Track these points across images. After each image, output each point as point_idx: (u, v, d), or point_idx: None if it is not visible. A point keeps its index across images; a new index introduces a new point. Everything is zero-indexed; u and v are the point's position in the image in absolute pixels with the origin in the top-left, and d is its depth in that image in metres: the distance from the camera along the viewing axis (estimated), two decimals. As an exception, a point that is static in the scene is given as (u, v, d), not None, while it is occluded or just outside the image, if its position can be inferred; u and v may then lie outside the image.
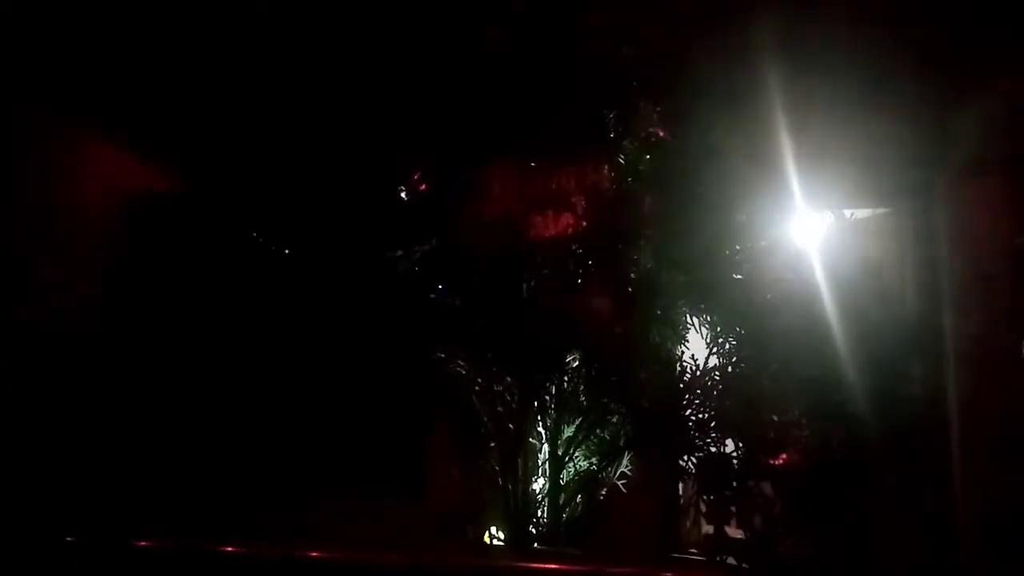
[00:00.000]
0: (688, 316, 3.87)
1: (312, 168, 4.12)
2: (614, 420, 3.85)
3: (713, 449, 3.56)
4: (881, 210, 5.31)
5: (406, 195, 4.02)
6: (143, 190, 4.90)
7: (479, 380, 3.87)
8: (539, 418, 3.89)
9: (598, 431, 3.88)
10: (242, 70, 4.27)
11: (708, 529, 3.83)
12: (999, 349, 4.85)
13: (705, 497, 3.52)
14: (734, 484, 3.45)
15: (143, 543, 3.20)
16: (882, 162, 5.11)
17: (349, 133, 4.00)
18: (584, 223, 3.77)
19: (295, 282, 4.23)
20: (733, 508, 3.44)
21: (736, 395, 3.60)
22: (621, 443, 3.85)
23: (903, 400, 3.90)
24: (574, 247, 3.79)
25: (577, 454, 3.89)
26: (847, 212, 4.54)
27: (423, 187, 4.00)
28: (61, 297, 4.46)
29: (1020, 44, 4.54)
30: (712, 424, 3.58)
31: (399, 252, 3.91)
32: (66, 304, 4.48)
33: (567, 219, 3.76)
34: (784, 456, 3.43)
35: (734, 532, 3.79)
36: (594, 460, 3.89)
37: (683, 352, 3.81)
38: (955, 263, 5.06)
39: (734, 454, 3.55)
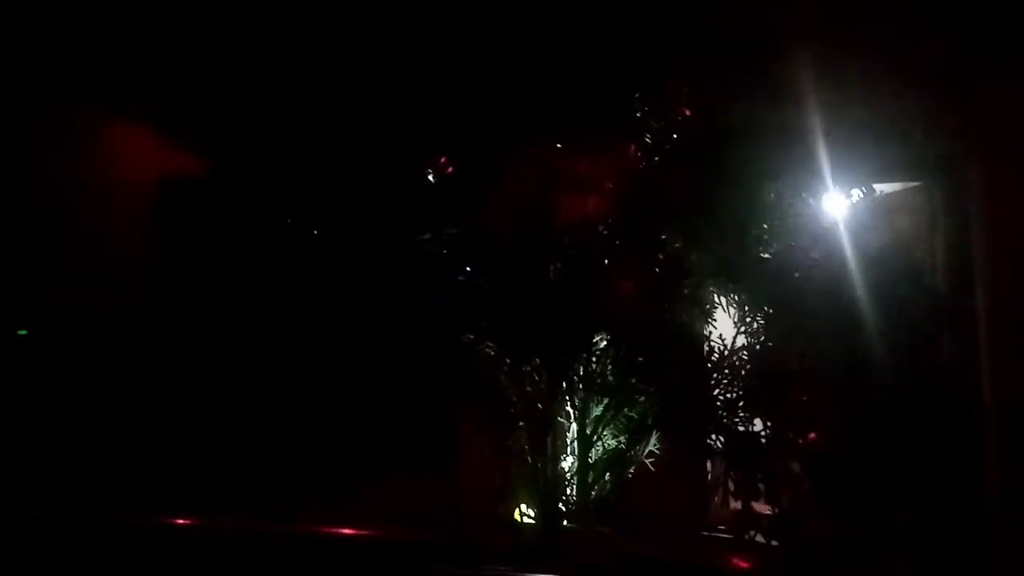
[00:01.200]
0: (716, 295, 3.87)
1: (341, 153, 4.15)
2: (642, 399, 3.87)
3: (741, 428, 3.57)
4: (911, 184, 5.25)
5: (433, 178, 4.04)
6: (167, 177, 4.98)
7: (508, 361, 3.91)
8: (567, 398, 3.92)
9: (626, 410, 3.90)
10: (275, 60, 4.32)
11: (736, 506, 3.84)
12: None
13: (733, 475, 3.53)
14: (762, 463, 3.47)
15: (179, 521, 3.30)
16: (912, 136, 5.04)
17: (378, 118, 4.02)
18: (610, 204, 3.77)
19: (327, 268, 4.28)
20: (761, 487, 3.45)
21: (764, 374, 3.60)
22: (649, 422, 3.88)
23: (933, 377, 3.88)
24: (600, 228, 3.80)
25: (605, 433, 3.93)
26: (876, 187, 4.49)
27: (450, 170, 4.01)
28: (76, 288, 4.56)
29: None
30: (740, 404, 3.59)
31: (427, 235, 3.94)
32: (87, 294, 4.58)
33: (593, 200, 3.77)
34: (812, 435, 3.44)
35: (762, 508, 3.80)
36: (622, 439, 3.93)
37: (711, 332, 3.81)
38: (985, 238, 5.00)
39: (762, 433, 3.57)
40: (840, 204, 4.32)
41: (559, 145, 3.78)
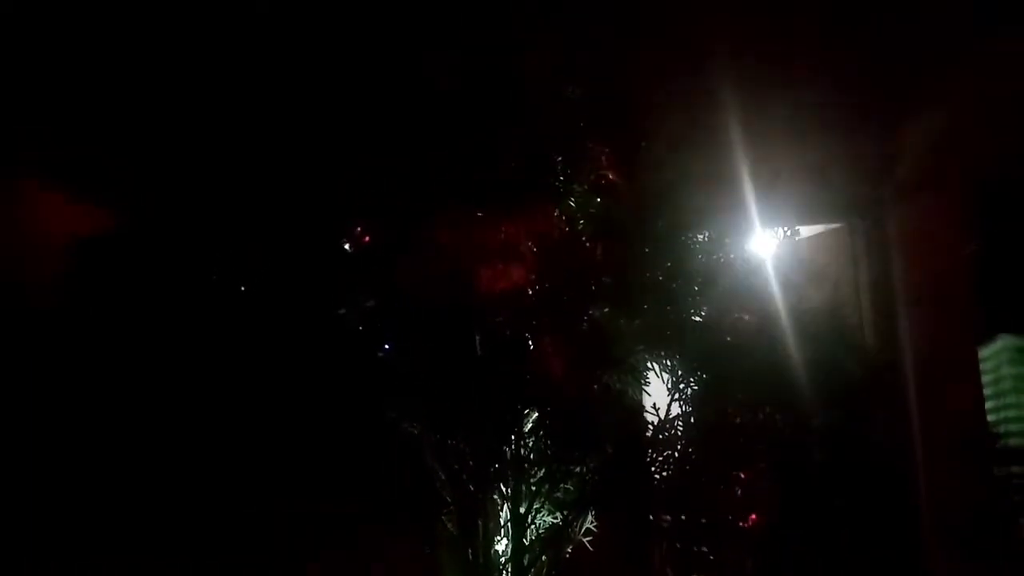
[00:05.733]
0: (648, 362, 3.74)
1: (251, 223, 3.87)
2: (578, 471, 3.71)
3: (680, 508, 3.44)
4: (832, 226, 5.29)
5: (350, 248, 3.80)
6: (76, 241, 4.62)
7: (433, 440, 3.69)
8: (499, 476, 3.72)
9: (562, 484, 3.73)
10: (172, 120, 4.02)
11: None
12: (956, 360, 4.87)
13: (673, 556, 3.40)
14: (703, 543, 3.34)
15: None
16: (831, 178, 5.08)
17: (291, 186, 3.76)
18: (535, 272, 3.60)
19: (236, 344, 3.97)
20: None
21: (700, 447, 3.48)
22: (586, 495, 3.71)
23: (871, 429, 3.85)
24: (524, 297, 3.63)
25: (541, 510, 3.74)
26: (799, 230, 4.46)
27: (366, 240, 3.78)
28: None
29: (965, 59, 4.53)
30: (677, 481, 3.45)
31: (343, 310, 3.70)
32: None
33: (516, 269, 3.59)
34: (753, 516, 3.33)
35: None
36: (559, 515, 3.75)
37: (644, 402, 3.68)
38: (909, 276, 5.06)
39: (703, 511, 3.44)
40: (765, 248, 4.27)
41: (479, 213, 3.60)
